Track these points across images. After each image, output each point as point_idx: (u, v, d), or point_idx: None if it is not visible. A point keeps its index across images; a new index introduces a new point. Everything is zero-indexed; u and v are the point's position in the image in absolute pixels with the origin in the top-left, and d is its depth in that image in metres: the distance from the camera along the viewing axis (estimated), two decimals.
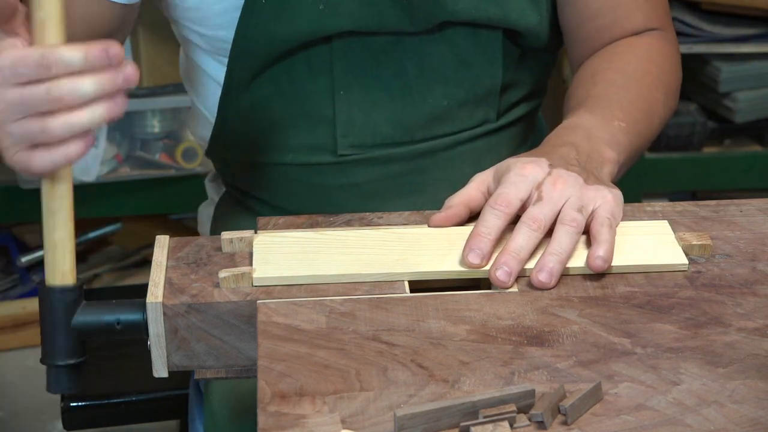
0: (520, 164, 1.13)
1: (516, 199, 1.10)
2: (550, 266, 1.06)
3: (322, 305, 1.03)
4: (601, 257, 1.07)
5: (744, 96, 2.66)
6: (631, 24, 1.38)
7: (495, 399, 0.89)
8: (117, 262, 2.81)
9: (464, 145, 1.38)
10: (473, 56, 1.35)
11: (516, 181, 1.11)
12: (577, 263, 1.08)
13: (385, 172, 1.36)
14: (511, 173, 1.12)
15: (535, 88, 1.43)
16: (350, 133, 1.34)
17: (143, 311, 1.05)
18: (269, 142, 1.36)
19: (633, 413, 0.91)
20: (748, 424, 0.90)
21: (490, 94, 1.38)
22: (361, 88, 1.33)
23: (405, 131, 1.35)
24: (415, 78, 1.34)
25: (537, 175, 1.11)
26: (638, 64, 1.34)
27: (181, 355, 1.05)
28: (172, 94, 2.55)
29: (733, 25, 2.64)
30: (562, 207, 1.10)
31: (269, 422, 0.90)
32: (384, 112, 1.34)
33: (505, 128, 1.41)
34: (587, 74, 1.34)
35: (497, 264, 1.06)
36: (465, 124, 1.38)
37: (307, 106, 1.34)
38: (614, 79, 1.31)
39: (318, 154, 1.36)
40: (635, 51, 1.36)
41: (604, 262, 1.07)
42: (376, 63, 1.32)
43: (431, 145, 1.37)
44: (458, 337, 1.00)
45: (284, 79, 1.32)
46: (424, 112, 1.35)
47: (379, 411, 0.91)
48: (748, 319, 1.03)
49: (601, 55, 1.37)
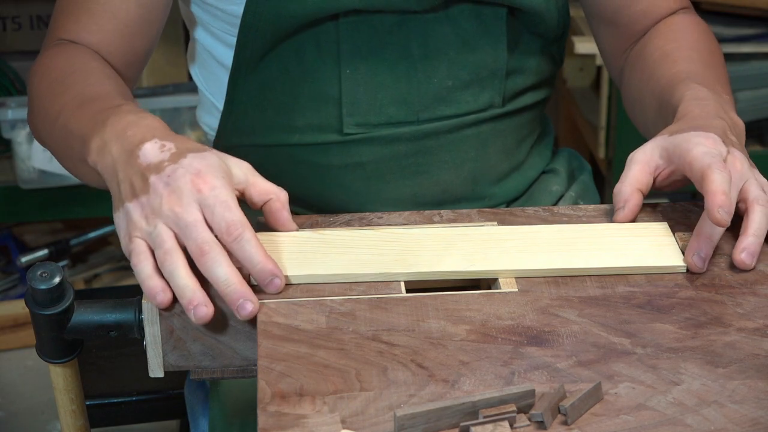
0: (702, 139, 1.12)
1: (730, 183, 1.09)
2: (753, 248, 1.09)
3: (322, 305, 1.03)
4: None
5: (744, 96, 2.66)
6: (666, 6, 1.42)
7: (495, 399, 0.89)
8: (117, 262, 2.81)
9: (469, 128, 1.39)
10: (477, 37, 1.36)
11: (711, 157, 1.10)
12: (577, 263, 1.08)
13: (390, 151, 1.37)
14: (701, 146, 1.11)
15: (541, 78, 1.44)
16: (356, 112, 1.36)
17: (136, 311, 1.05)
18: (276, 123, 1.38)
19: (633, 413, 0.91)
20: (748, 424, 0.90)
21: (494, 77, 1.38)
22: (367, 68, 1.34)
23: (410, 111, 1.37)
24: (419, 58, 1.35)
25: (722, 151, 1.12)
26: (701, 42, 1.37)
27: (177, 355, 1.05)
28: (172, 94, 2.55)
29: (733, 25, 2.64)
30: (745, 187, 1.11)
31: (269, 422, 0.90)
32: (389, 92, 1.35)
33: (511, 115, 1.42)
34: (658, 55, 1.35)
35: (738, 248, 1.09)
36: (470, 106, 1.39)
37: (314, 85, 1.35)
38: (692, 57, 1.33)
39: (324, 134, 1.37)
40: (688, 29, 1.39)
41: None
42: (381, 43, 1.34)
43: (436, 127, 1.38)
44: (458, 337, 1.00)
45: (292, 58, 1.34)
46: (428, 92, 1.36)
47: (379, 411, 0.91)
48: (748, 319, 1.03)
49: (659, 36, 1.39)
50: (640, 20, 1.42)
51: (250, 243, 1.03)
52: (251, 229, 1.03)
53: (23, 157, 2.50)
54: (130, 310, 1.06)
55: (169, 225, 1.04)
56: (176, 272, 1.02)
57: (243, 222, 1.03)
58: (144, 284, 1.03)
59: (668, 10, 1.42)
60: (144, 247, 1.05)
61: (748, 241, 1.09)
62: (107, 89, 1.23)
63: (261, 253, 1.03)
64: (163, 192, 1.04)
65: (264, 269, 1.04)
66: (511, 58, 1.39)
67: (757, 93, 2.69)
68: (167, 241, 1.03)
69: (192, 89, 2.57)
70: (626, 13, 1.42)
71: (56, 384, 1.14)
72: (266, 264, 1.04)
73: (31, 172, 2.51)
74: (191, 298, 1.01)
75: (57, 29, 1.34)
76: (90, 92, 1.22)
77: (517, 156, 1.45)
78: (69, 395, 1.15)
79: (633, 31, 1.42)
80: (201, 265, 1.02)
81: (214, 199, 1.03)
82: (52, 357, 1.10)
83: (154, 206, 1.04)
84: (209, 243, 1.02)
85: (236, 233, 1.03)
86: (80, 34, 1.32)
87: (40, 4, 2.78)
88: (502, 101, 1.40)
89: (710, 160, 1.10)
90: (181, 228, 1.03)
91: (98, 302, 1.07)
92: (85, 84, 1.24)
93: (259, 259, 1.03)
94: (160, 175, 1.06)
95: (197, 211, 1.03)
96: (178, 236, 1.04)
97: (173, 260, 1.03)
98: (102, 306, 1.07)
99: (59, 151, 1.26)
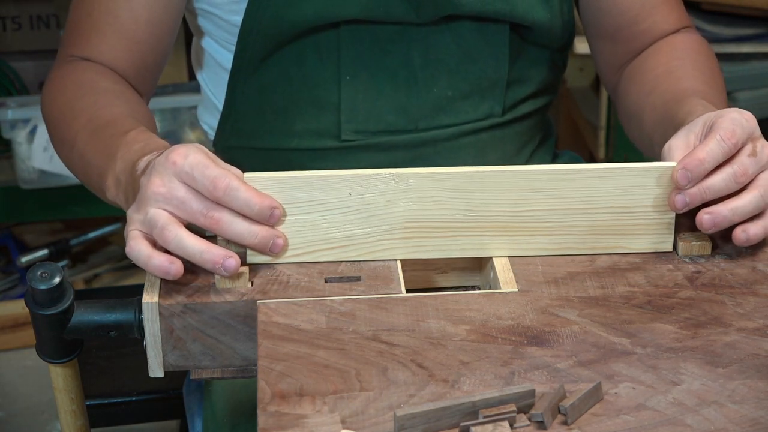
0: (737, 114, 1.11)
1: (741, 138, 1.09)
2: (719, 219, 1.07)
3: (322, 305, 1.03)
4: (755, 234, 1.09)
5: (744, 96, 2.66)
6: (669, 25, 1.42)
7: (495, 399, 0.89)
8: (117, 262, 2.81)
9: (468, 137, 1.39)
10: (479, 49, 1.36)
11: (741, 120, 1.10)
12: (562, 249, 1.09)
13: (388, 159, 1.37)
14: (735, 113, 1.11)
15: (543, 86, 1.44)
16: (354, 118, 1.36)
17: (135, 311, 1.05)
18: (275, 127, 1.38)
19: (633, 413, 0.91)
20: (748, 424, 0.90)
21: (495, 87, 1.38)
22: (367, 75, 1.34)
23: (409, 119, 1.37)
24: (420, 68, 1.35)
25: (753, 128, 1.11)
26: (704, 62, 1.37)
27: (177, 355, 1.05)
28: (172, 94, 2.55)
29: (733, 25, 2.64)
30: (761, 175, 1.09)
31: (269, 422, 0.90)
32: (388, 100, 1.35)
33: (511, 124, 1.42)
34: (661, 71, 1.35)
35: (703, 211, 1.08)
36: (469, 116, 1.38)
37: (314, 91, 1.35)
38: (696, 76, 1.33)
39: (322, 139, 1.37)
40: (692, 48, 1.39)
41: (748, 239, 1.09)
42: (382, 51, 1.34)
43: (434, 135, 1.38)
44: (458, 337, 1.00)
45: (292, 64, 1.34)
46: (428, 101, 1.36)
47: (379, 411, 0.91)
48: (748, 319, 1.03)
49: (661, 52, 1.39)
50: (641, 38, 1.41)
51: (239, 190, 1.04)
52: (236, 178, 1.05)
53: (23, 157, 2.50)
54: (130, 310, 1.06)
55: (161, 207, 1.05)
56: (183, 241, 1.04)
57: (225, 174, 1.04)
58: (149, 266, 1.04)
59: (670, 29, 1.42)
60: (137, 234, 1.05)
61: (720, 211, 1.08)
62: (117, 112, 1.24)
63: (253, 194, 1.05)
64: (145, 181, 1.06)
65: (262, 206, 1.05)
66: (513, 69, 1.39)
67: (757, 93, 2.69)
68: (161, 218, 1.04)
69: (192, 89, 2.57)
70: (628, 32, 1.41)
71: (56, 384, 1.14)
72: (263, 200, 1.05)
73: (31, 172, 2.51)
74: (213, 258, 1.03)
75: (69, 46, 1.34)
76: (100, 118, 1.23)
77: (516, 162, 1.44)
78: (69, 395, 1.15)
79: (632, 48, 1.42)
80: (219, 229, 1.04)
81: (190, 166, 1.04)
82: (52, 357, 1.10)
83: (142, 198, 1.06)
84: (212, 207, 1.04)
85: (223, 185, 1.04)
86: (92, 52, 1.32)
87: (40, 4, 2.78)
88: (502, 111, 1.40)
89: (731, 126, 1.08)
90: (176, 206, 1.04)
91: (98, 302, 1.07)
92: (95, 108, 1.25)
93: (255, 200, 1.05)
94: (144, 173, 1.08)
95: (180, 184, 1.04)
96: (176, 216, 1.05)
97: (174, 231, 1.04)
98: (102, 306, 1.07)
99: (81, 178, 1.28)
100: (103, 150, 1.18)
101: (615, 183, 1.09)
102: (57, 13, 2.78)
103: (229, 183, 1.04)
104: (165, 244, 1.04)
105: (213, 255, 1.03)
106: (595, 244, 1.11)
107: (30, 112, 2.48)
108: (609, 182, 1.09)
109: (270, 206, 1.06)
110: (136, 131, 1.17)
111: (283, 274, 1.08)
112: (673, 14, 1.42)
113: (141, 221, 1.05)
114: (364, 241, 1.09)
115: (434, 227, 1.10)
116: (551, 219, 1.10)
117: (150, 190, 1.05)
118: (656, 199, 1.10)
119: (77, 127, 1.24)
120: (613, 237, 1.11)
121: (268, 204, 1.05)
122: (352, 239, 1.09)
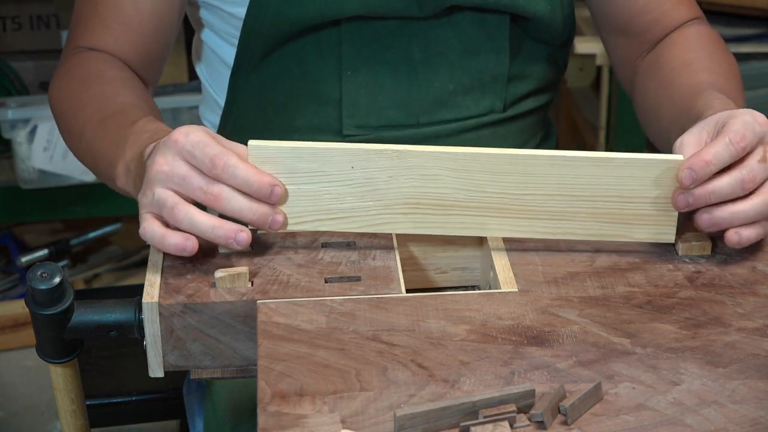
0: (749, 116, 1.10)
1: (751, 142, 1.08)
2: (720, 219, 1.07)
3: (322, 305, 1.03)
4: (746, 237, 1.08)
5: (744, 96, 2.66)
6: (678, 15, 1.42)
7: (495, 399, 0.89)
8: (117, 262, 2.81)
9: (470, 132, 1.39)
10: (479, 43, 1.36)
11: (753, 124, 1.09)
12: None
13: None
14: (747, 114, 1.10)
15: (544, 83, 1.44)
16: (356, 114, 1.36)
17: (135, 311, 1.05)
18: (276, 123, 1.38)
19: (633, 413, 0.91)
20: (748, 424, 0.90)
21: (496, 82, 1.38)
22: (368, 71, 1.35)
23: (410, 114, 1.37)
24: (421, 62, 1.35)
25: (765, 131, 1.10)
26: (719, 54, 1.37)
27: (177, 355, 1.05)
28: (172, 94, 2.55)
29: (733, 25, 2.64)
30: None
31: (269, 422, 0.90)
32: (390, 95, 1.36)
33: (512, 120, 1.42)
34: (677, 64, 1.35)
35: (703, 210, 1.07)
36: (471, 111, 1.39)
37: (315, 87, 1.36)
38: (713, 68, 1.33)
39: (324, 135, 1.37)
40: (705, 40, 1.39)
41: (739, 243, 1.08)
42: (383, 47, 1.34)
43: (436, 130, 1.38)
44: (458, 337, 1.00)
45: (293, 60, 1.35)
46: (429, 96, 1.36)
47: (379, 411, 0.91)
48: (748, 319, 1.03)
49: (676, 45, 1.39)
50: (652, 29, 1.41)
51: (238, 167, 1.05)
52: (235, 155, 1.05)
53: (23, 157, 2.50)
54: (130, 310, 1.06)
55: (166, 187, 1.05)
56: (194, 218, 1.05)
57: (224, 151, 1.05)
58: (165, 245, 1.05)
59: (681, 19, 1.42)
60: (149, 215, 1.07)
61: (719, 213, 1.07)
62: (124, 102, 1.25)
63: (253, 171, 1.05)
64: (150, 162, 1.07)
65: (261, 183, 1.05)
66: (514, 64, 1.39)
67: (757, 93, 2.69)
68: (169, 198, 1.05)
69: (192, 89, 2.57)
70: (638, 22, 1.41)
71: (56, 384, 1.14)
72: (262, 178, 1.06)
73: (31, 172, 2.51)
74: (225, 233, 1.05)
75: (75, 38, 1.36)
76: (108, 108, 1.24)
77: None
78: (69, 395, 1.15)
79: (645, 40, 1.42)
80: (218, 206, 1.05)
81: (191, 144, 1.05)
82: (52, 357, 1.10)
83: (147, 179, 1.07)
84: (212, 183, 1.05)
85: (221, 163, 1.04)
86: (97, 42, 1.34)
87: (40, 4, 2.78)
88: (503, 106, 1.40)
89: (741, 129, 1.08)
90: (178, 184, 1.05)
91: (98, 302, 1.07)
92: (103, 98, 1.26)
93: (254, 178, 1.05)
94: (150, 157, 1.09)
95: (182, 162, 1.05)
96: (180, 194, 1.05)
97: (184, 209, 1.05)
98: (102, 306, 1.07)
99: (90, 167, 1.29)
100: (112, 140, 1.19)
101: (619, 173, 1.09)
102: (57, 13, 2.79)
103: (227, 161, 1.04)
104: (176, 223, 1.05)
105: (225, 230, 1.05)
106: (597, 231, 1.11)
107: (30, 112, 2.48)
108: (613, 172, 1.09)
109: (270, 183, 1.06)
110: (144, 120, 1.18)
111: (283, 274, 1.08)
112: (683, 4, 1.43)
113: (150, 203, 1.06)
114: (366, 214, 1.10)
115: (435, 204, 1.10)
116: (552, 204, 1.10)
117: (154, 170, 1.06)
118: (661, 191, 1.10)
119: (85, 118, 1.25)
120: (614, 225, 1.11)
121: (268, 181, 1.06)
122: (354, 211, 1.09)
